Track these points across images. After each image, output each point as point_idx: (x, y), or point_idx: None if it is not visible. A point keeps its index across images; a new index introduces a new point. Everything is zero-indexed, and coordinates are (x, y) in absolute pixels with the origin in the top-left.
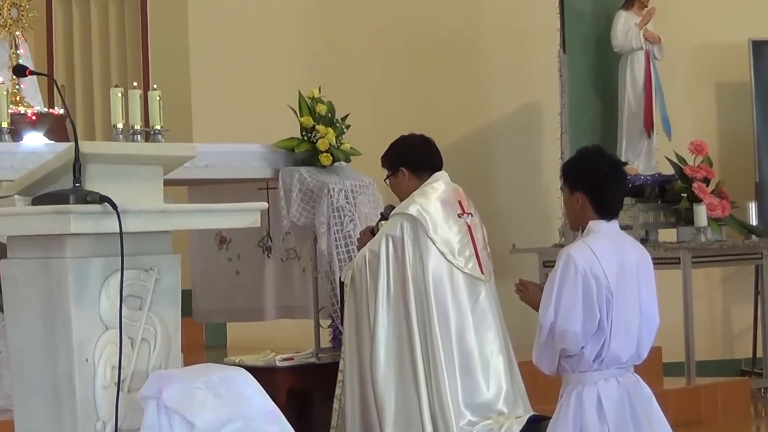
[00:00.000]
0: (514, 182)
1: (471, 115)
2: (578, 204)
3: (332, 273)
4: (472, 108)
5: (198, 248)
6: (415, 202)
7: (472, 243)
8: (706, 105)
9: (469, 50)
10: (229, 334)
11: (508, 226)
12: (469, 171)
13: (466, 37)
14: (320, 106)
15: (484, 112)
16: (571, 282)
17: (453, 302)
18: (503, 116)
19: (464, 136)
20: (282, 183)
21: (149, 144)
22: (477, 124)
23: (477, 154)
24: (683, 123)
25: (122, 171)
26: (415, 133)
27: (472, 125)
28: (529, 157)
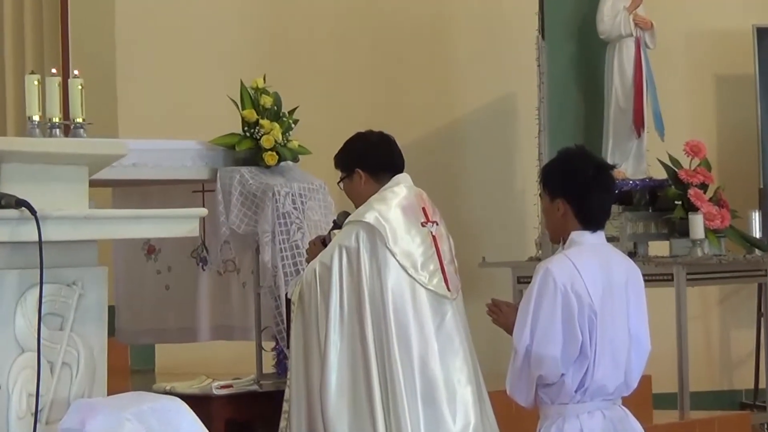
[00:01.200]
0: (485, 187)
1: (436, 110)
2: (559, 212)
3: (277, 288)
4: (437, 102)
5: (122, 259)
6: (373, 208)
7: (437, 256)
8: (704, 100)
9: (435, 36)
10: (158, 357)
11: (477, 237)
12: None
13: (431, 21)
14: (265, 98)
15: (451, 107)
16: (550, 300)
17: (415, 323)
18: (473, 111)
19: (429, 133)
20: (220, 185)
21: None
22: (443, 120)
23: (443, 154)
24: (678, 121)
25: (42, 171)
26: (373, 130)
27: (437, 121)
28: (503, 158)
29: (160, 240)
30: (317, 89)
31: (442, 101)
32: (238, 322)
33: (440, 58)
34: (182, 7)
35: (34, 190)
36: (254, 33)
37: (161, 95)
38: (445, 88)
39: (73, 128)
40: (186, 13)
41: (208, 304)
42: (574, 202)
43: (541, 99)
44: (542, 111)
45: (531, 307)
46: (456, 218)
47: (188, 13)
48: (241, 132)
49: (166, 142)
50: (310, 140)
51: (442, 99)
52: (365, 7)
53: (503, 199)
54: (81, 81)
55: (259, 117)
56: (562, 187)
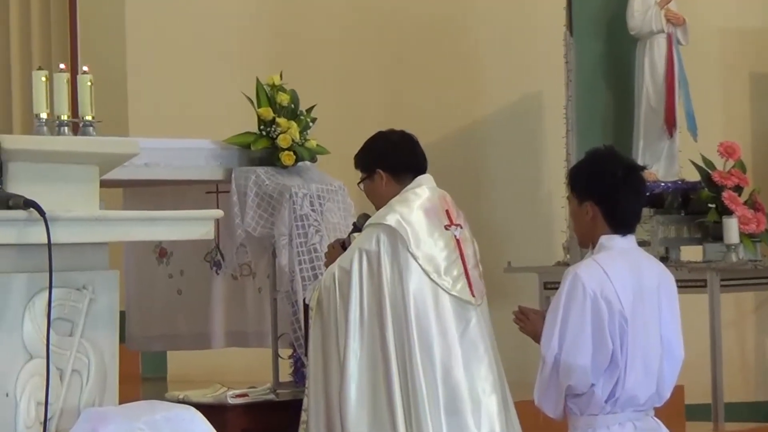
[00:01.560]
0: (510, 189)
1: (459, 109)
2: (588, 216)
3: (294, 293)
4: (460, 100)
5: (133, 262)
6: (394, 210)
7: (461, 260)
8: (739, 99)
9: (458, 32)
10: (170, 365)
11: (503, 241)
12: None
13: (453, 17)
14: (282, 96)
15: (474, 106)
16: (579, 307)
17: (438, 330)
18: (497, 110)
19: (451, 133)
20: (235, 186)
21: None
22: (466, 120)
23: (466, 155)
24: (711, 121)
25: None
26: (395, 129)
27: (460, 121)
28: (529, 159)
29: (171, 243)
30: (334, 88)
31: (464, 100)
32: (254, 329)
33: (462, 55)
34: (194, 3)
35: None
36: (268, 29)
37: (173, 92)
38: (467, 86)
39: (82, 126)
40: (198, 9)
41: (223, 309)
42: (604, 204)
43: (569, 98)
44: (570, 110)
45: (559, 315)
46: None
47: (201, 10)
48: (257, 131)
49: (179, 141)
50: (329, 140)
51: (464, 97)
52: (382, 3)
53: (529, 201)
54: (90, 77)
55: (276, 115)
56: (590, 190)
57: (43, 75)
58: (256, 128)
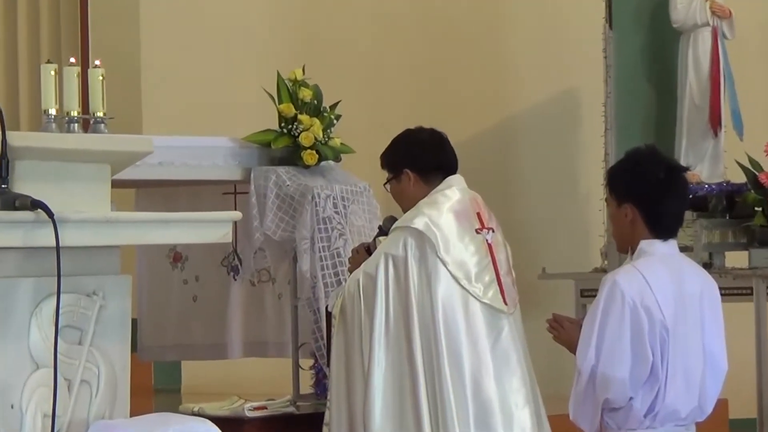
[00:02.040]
0: (545, 190)
1: (490, 106)
2: (627, 219)
3: (316, 301)
4: (492, 97)
5: (146, 267)
6: (423, 213)
7: (492, 266)
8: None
9: (490, 26)
10: (184, 376)
11: (537, 246)
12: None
13: (485, 10)
14: (304, 91)
15: (506, 103)
16: (617, 316)
17: (468, 340)
18: (531, 107)
19: (482, 131)
20: (254, 187)
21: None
22: (498, 117)
23: (498, 154)
24: (758, 119)
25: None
26: (423, 127)
27: (491, 119)
28: (565, 159)
29: (187, 247)
30: (360, 83)
31: (496, 96)
32: (273, 338)
33: (495, 49)
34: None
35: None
36: (291, 21)
37: (189, 88)
38: (500, 82)
39: (93, 123)
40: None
41: (240, 317)
42: (644, 207)
43: (608, 94)
44: (609, 107)
45: (596, 324)
46: (513, 225)
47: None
48: (278, 128)
49: (195, 139)
50: (354, 138)
51: (496, 94)
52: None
53: (565, 204)
54: (102, 71)
55: (298, 112)
56: (630, 191)
57: (52, 69)
58: (277, 125)
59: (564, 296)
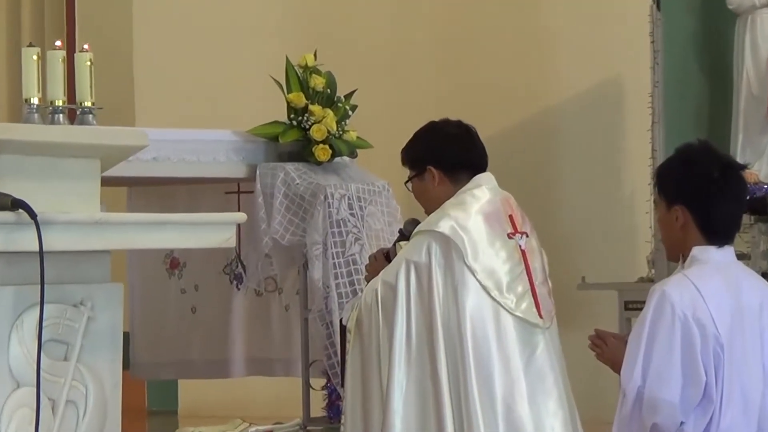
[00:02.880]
0: (584, 190)
1: (525, 97)
2: (677, 222)
3: (329, 313)
4: (527, 86)
5: (139, 275)
6: (449, 215)
7: (526, 275)
8: None
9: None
10: (181, 396)
11: (576, 252)
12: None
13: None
14: (316, 79)
15: (543, 93)
16: (666, 331)
17: (499, 357)
18: (571, 98)
19: (516, 124)
20: (260, 185)
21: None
22: (534, 109)
23: (532, 150)
24: None
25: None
26: (450, 119)
27: (527, 110)
28: (607, 156)
29: (185, 252)
30: (379, 70)
31: (531, 86)
32: (280, 354)
33: (529, 33)
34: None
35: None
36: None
37: (188, 75)
38: (534, 70)
39: (80, 114)
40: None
41: (244, 331)
42: (697, 209)
43: (656, 83)
44: (656, 98)
45: (643, 340)
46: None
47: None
48: (287, 120)
49: (194, 132)
50: (372, 131)
51: (531, 83)
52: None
53: (607, 206)
54: (90, 56)
55: (309, 102)
56: (681, 192)
57: (34, 53)
58: (286, 117)
59: (606, 309)
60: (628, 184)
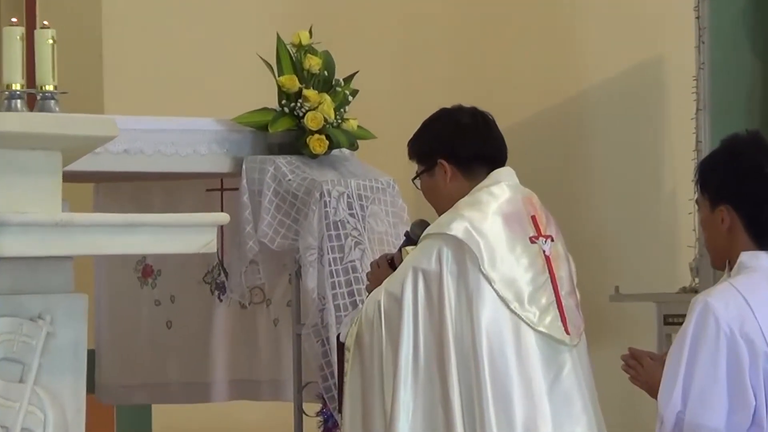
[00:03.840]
0: (619, 188)
1: (551, 81)
2: (723, 225)
3: (325, 328)
4: (553, 70)
5: (107, 284)
6: (462, 216)
7: (551, 284)
8: None
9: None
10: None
11: (608, 258)
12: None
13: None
14: (311, 59)
15: (572, 77)
16: (710, 349)
17: (520, 379)
18: (602, 83)
19: (538, 114)
20: (247, 182)
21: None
22: (559, 96)
23: (561, 142)
24: None
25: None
26: (464, 106)
27: (552, 96)
28: (645, 148)
29: (160, 259)
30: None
31: (558, 69)
32: (269, 376)
33: (554, 8)
34: None
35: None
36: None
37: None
38: (562, 51)
39: (41, 99)
40: None
41: (227, 349)
42: (745, 210)
43: (701, 65)
44: (702, 82)
45: (684, 358)
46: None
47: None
48: (277, 107)
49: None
50: (374, 120)
51: (558, 66)
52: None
53: (645, 205)
54: (52, 33)
55: (303, 86)
56: (726, 190)
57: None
58: (276, 103)
59: (643, 323)
60: (668, 180)
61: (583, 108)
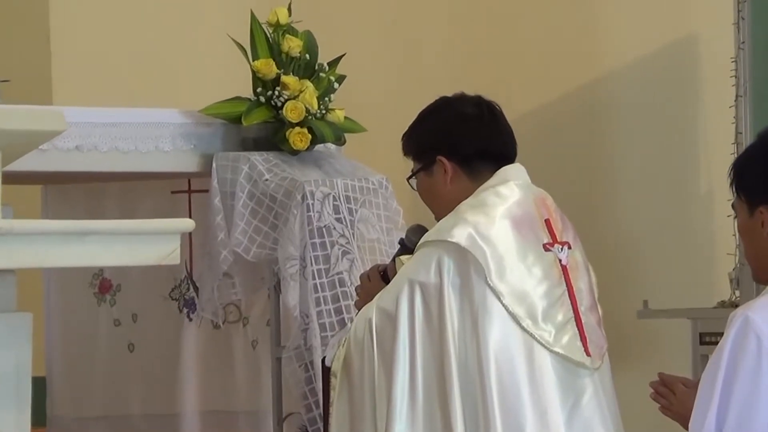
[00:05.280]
0: (647, 189)
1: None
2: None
3: (308, 351)
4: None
5: (58, 301)
6: (465, 221)
7: (569, 298)
8: None
9: None
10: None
11: (636, 269)
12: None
13: None
14: (290, 41)
15: (592, 59)
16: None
17: (534, 407)
18: (628, 66)
19: (555, 102)
20: (218, 182)
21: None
22: (579, 81)
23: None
24: None
25: None
26: (466, 95)
27: (570, 82)
28: (676, 142)
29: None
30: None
31: (575, 50)
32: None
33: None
34: None
35: None
36: None
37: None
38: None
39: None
40: None
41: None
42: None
43: (740, 45)
44: (741, 64)
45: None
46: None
47: None
48: (252, 96)
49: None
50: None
51: (575, 46)
52: None
53: (678, 208)
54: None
55: (281, 71)
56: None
57: None
58: (251, 92)
59: (676, 343)
60: (704, 178)
61: (605, 96)
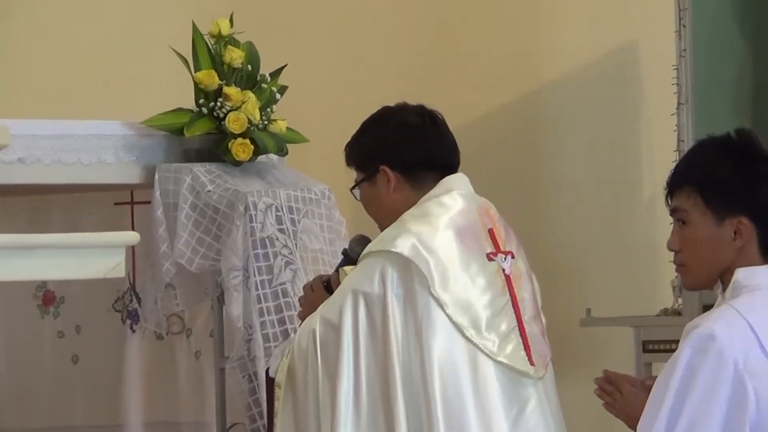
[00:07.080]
0: (590, 196)
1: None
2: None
3: (252, 362)
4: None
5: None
6: (409, 231)
7: (512, 308)
8: None
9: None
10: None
11: (578, 278)
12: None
13: None
14: (232, 52)
15: (535, 67)
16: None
17: (478, 417)
18: (570, 73)
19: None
20: (160, 194)
21: None
22: (521, 89)
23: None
24: None
25: None
26: (409, 104)
27: (512, 90)
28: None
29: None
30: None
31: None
32: (190, 416)
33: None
34: None
35: None
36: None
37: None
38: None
39: None
40: None
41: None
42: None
43: (682, 52)
44: (683, 71)
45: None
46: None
47: None
48: (194, 107)
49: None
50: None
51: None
52: None
53: (619, 216)
54: None
55: (223, 82)
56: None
57: None
58: (193, 103)
59: (619, 351)
60: (646, 186)
61: (544, 106)
